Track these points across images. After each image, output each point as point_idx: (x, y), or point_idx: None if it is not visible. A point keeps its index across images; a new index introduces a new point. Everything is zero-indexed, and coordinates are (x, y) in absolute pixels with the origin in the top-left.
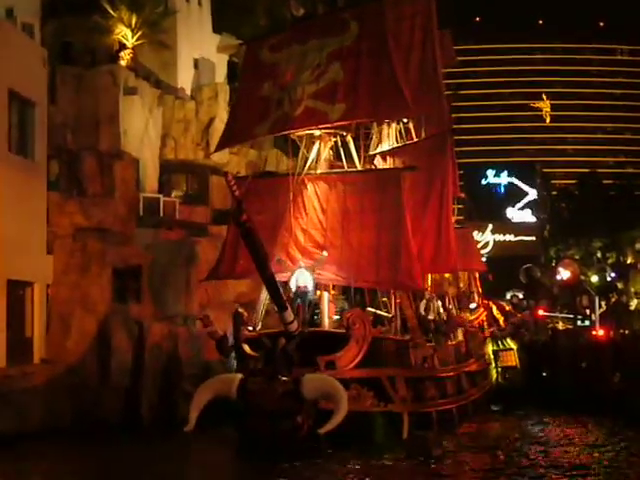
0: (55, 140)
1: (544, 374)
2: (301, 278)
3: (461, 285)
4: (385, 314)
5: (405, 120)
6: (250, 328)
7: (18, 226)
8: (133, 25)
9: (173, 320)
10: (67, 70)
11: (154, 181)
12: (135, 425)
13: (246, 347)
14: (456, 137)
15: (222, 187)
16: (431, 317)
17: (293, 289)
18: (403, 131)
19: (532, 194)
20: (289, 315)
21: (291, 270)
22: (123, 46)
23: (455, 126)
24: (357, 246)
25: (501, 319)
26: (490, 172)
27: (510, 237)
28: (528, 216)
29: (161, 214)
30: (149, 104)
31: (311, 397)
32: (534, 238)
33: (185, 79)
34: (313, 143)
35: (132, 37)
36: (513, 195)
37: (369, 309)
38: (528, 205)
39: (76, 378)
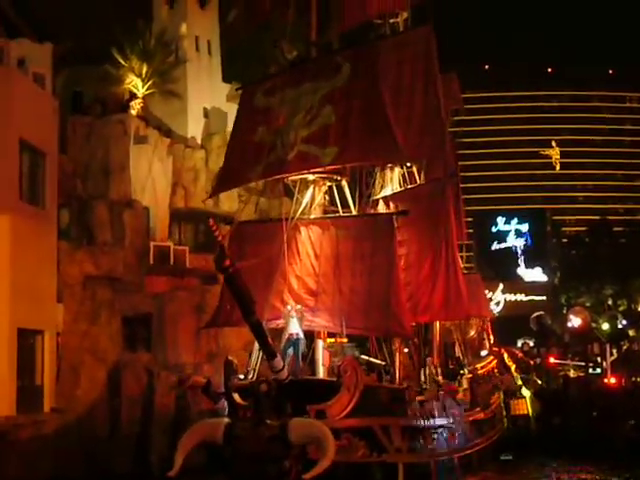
0: (66, 189)
1: (555, 422)
2: (292, 325)
3: (472, 332)
4: (378, 362)
5: (408, 164)
6: (241, 376)
7: (28, 274)
8: (144, 75)
9: (182, 368)
10: (78, 119)
11: (164, 229)
12: (145, 474)
13: (236, 396)
14: (465, 185)
15: None
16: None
17: (286, 336)
18: (407, 175)
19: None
20: (278, 363)
21: (285, 317)
22: (134, 95)
23: (464, 173)
24: (348, 292)
25: (512, 367)
26: (500, 219)
27: (521, 297)
28: (539, 275)
29: (171, 262)
30: (159, 153)
31: (298, 442)
32: (544, 298)
33: (195, 128)
34: (307, 187)
35: (142, 86)
36: (510, 255)
37: (363, 357)
38: (525, 255)
39: (86, 426)
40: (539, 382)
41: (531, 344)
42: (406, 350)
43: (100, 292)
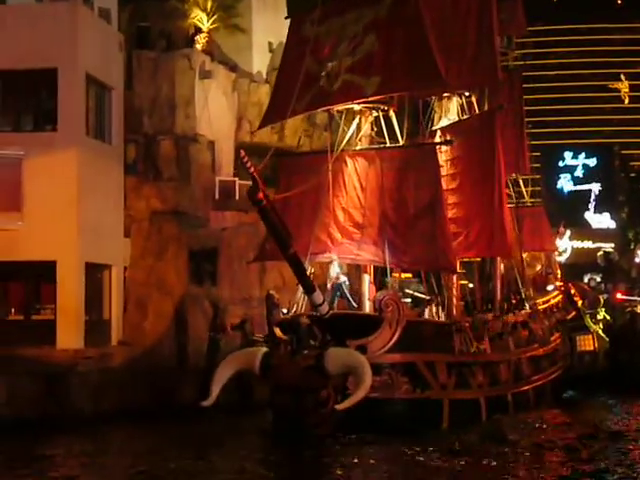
0: (132, 124)
1: (623, 358)
2: (333, 270)
3: (538, 267)
4: (422, 296)
5: (467, 94)
6: (284, 311)
7: (96, 210)
8: (209, 9)
9: (249, 302)
10: (143, 54)
11: (230, 164)
12: (210, 406)
13: (277, 330)
14: (533, 118)
15: None
16: None
17: (329, 284)
18: (465, 105)
19: (595, 187)
20: (318, 297)
21: (330, 251)
22: (199, 30)
23: (533, 107)
24: (393, 225)
25: (579, 302)
26: (568, 154)
27: (588, 244)
28: (607, 220)
29: (237, 197)
30: (224, 88)
31: (335, 371)
32: (612, 245)
33: (260, 62)
34: (353, 118)
35: (207, 21)
36: (580, 197)
37: (408, 291)
38: (597, 200)
39: (153, 360)
40: (607, 318)
41: (598, 280)
42: (471, 285)
43: (166, 227)
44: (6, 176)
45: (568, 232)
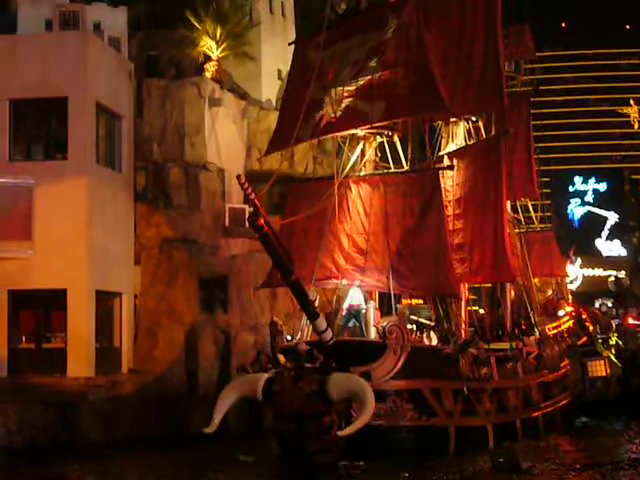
0: (142, 152)
1: (635, 383)
2: (355, 296)
3: (549, 292)
4: (427, 322)
5: (474, 119)
6: (289, 337)
7: (106, 237)
8: (218, 37)
9: (259, 329)
10: (153, 82)
11: (240, 192)
12: (222, 434)
13: (281, 357)
14: (543, 144)
15: None
16: None
17: (346, 307)
18: (472, 130)
19: (612, 217)
20: (321, 323)
21: (335, 277)
22: (208, 58)
23: (542, 133)
24: (396, 251)
25: (591, 327)
26: (577, 179)
27: (599, 271)
28: (618, 248)
29: (247, 224)
30: (234, 115)
31: (337, 397)
32: (624, 273)
33: (269, 90)
34: (357, 144)
35: (217, 49)
36: (593, 224)
37: (412, 317)
38: (612, 231)
39: (163, 387)
40: (620, 343)
41: (609, 305)
42: (481, 311)
43: (177, 254)
44: (17, 205)
45: (579, 260)
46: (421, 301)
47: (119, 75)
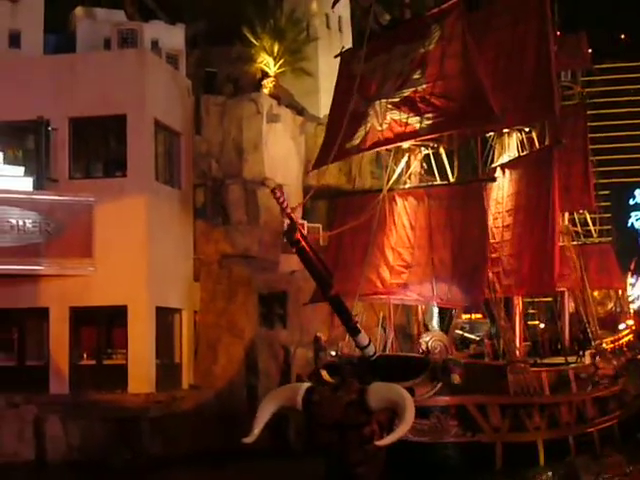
0: (200, 168)
1: None
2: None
3: (610, 305)
4: (472, 337)
5: (527, 129)
6: (333, 353)
7: (166, 254)
8: (275, 53)
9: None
10: (211, 99)
11: (298, 207)
12: (283, 449)
13: (324, 373)
14: (602, 157)
15: None
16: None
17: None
18: (525, 141)
19: None
20: (363, 339)
21: (380, 292)
22: (265, 74)
23: (601, 145)
24: (438, 264)
25: None
26: (638, 192)
27: None
28: None
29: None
30: (292, 131)
31: (377, 406)
32: None
33: (327, 105)
34: (403, 156)
35: (274, 65)
36: None
37: (457, 332)
38: None
39: (224, 403)
40: None
41: None
42: (542, 325)
43: (236, 270)
44: (78, 222)
45: None
46: (480, 315)
47: (177, 92)
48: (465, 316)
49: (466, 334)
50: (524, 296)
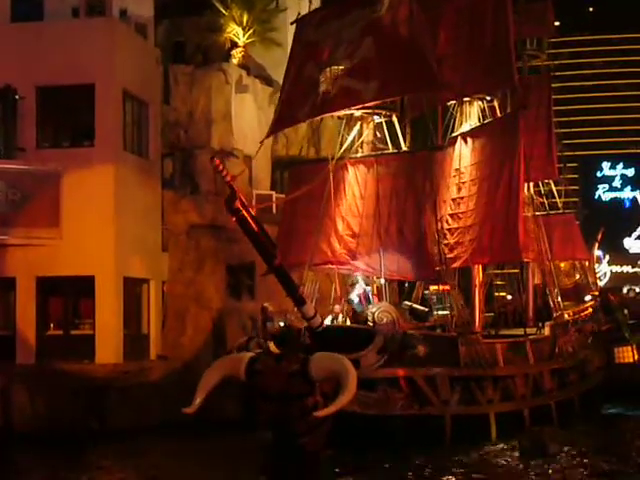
0: (169, 138)
1: None
2: (358, 287)
3: (577, 276)
4: (421, 308)
5: (488, 98)
6: (281, 324)
7: (134, 224)
8: (244, 23)
9: (287, 315)
10: (180, 69)
11: (267, 178)
12: (254, 420)
13: (270, 344)
14: (570, 129)
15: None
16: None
17: (357, 294)
18: (487, 110)
19: None
20: (309, 309)
21: (330, 262)
22: (235, 44)
23: (569, 118)
24: (384, 234)
25: (619, 312)
26: (605, 164)
27: (627, 268)
28: None
29: (274, 211)
30: (260, 102)
31: (319, 377)
32: None
33: None
34: (355, 124)
35: (243, 35)
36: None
37: (406, 303)
38: None
39: (192, 373)
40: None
41: (637, 290)
42: (509, 297)
43: (204, 241)
44: (45, 192)
45: (607, 257)
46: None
47: (146, 62)
48: (433, 287)
49: (415, 305)
50: (489, 265)
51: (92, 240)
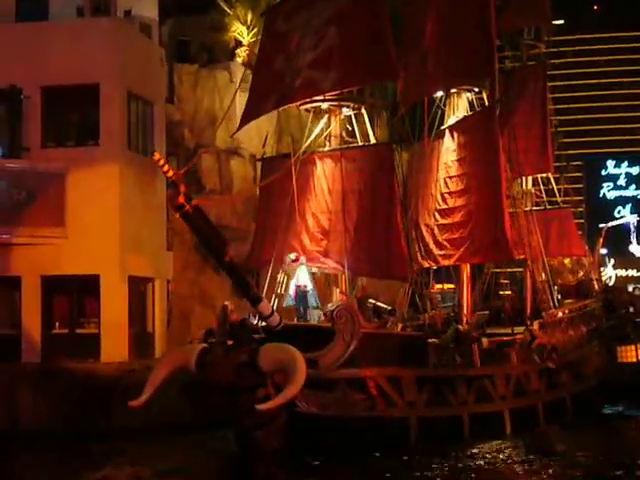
0: (173, 137)
1: None
2: (301, 276)
3: (580, 273)
4: (384, 306)
5: (477, 90)
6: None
7: (138, 223)
8: (249, 22)
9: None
10: (184, 68)
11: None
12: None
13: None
14: (575, 127)
15: None
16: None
17: (293, 288)
18: (475, 102)
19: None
20: (265, 307)
21: (287, 267)
22: (239, 43)
23: (575, 116)
24: (353, 231)
25: (623, 311)
26: (610, 163)
27: (632, 272)
28: None
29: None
30: None
31: (268, 368)
32: None
33: None
34: (322, 117)
35: (248, 34)
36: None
37: (371, 300)
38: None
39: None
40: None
41: None
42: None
43: None
44: (50, 191)
45: (612, 261)
46: (453, 286)
47: (150, 61)
48: (437, 286)
49: (379, 303)
50: (481, 263)
51: (97, 239)
